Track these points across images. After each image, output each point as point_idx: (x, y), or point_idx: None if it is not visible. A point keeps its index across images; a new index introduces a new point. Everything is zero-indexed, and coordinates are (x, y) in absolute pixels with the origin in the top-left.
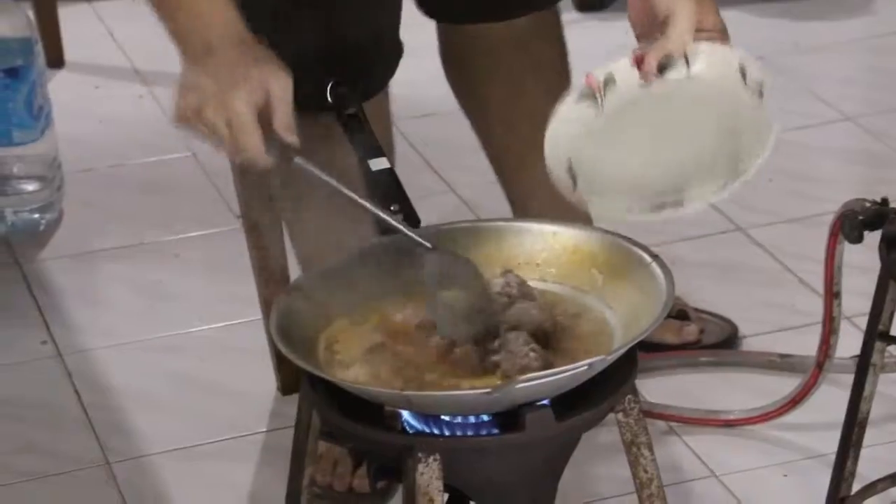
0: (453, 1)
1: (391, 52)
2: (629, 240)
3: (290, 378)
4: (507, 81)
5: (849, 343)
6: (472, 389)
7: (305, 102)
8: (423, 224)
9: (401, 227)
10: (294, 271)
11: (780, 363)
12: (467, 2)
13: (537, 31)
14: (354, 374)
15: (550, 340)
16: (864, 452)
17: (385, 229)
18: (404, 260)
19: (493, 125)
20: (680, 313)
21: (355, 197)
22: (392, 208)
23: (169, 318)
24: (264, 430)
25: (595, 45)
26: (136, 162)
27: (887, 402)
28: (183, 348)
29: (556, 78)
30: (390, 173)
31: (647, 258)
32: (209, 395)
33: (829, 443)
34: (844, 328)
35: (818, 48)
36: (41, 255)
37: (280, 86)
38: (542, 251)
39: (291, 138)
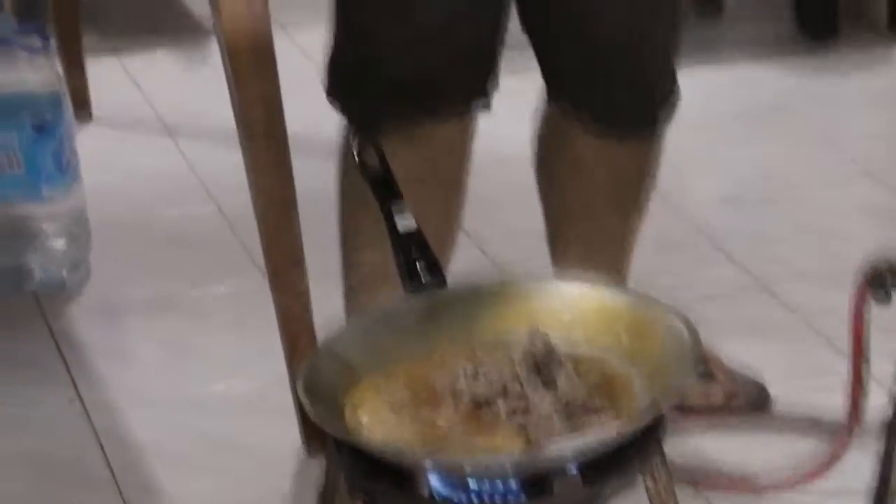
0: (567, 91)
1: (464, 93)
2: (654, 300)
3: (316, 437)
4: (585, 184)
5: (881, 405)
6: (500, 454)
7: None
8: (448, 280)
9: None
10: (320, 328)
11: (810, 426)
12: (606, 103)
13: (633, 148)
14: (381, 435)
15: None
16: None
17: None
18: (432, 319)
19: (558, 216)
20: (706, 374)
21: None
22: (418, 268)
23: (195, 375)
24: (289, 489)
25: None
26: (163, 215)
27: None
28: (209, 405)
29: (634, 196)
30: (416, 232)
31: (673, 318)
32: (235, 454)
33: None
34: (875, 389)
35: (840, 102)
36: (68, 311)
37: None
38: (568, 311)
39: None
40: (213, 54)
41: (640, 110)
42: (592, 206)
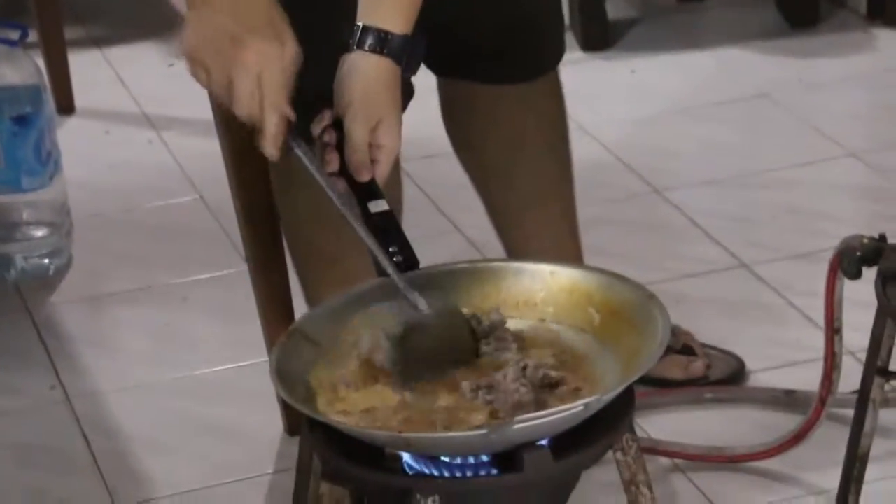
0: (461, 61)
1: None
2: (626, 279)
3: (297, 419)
4: (507, 137)
5: (853, 378)
6: (470, 430)
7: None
8: (424, 264)
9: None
10: (298, 312)
11: (785, 399)
12: (475, 65)
13: (538, 87)
14: (351, 414)
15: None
16: (865, 488)
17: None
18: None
19: (490, 179)
20: (686, 348)
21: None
22: (391, 250)
23: (177, 361)
24: (272, 471)
25: (599, 84)
26: (145, 206)
27: (890, 438)
28: (191, 391)
29: (555, 134)
30: (389, 215)
31: (644, 297)
32: (217, 438)
33: (833, 478)
34: (849, 364)
35: (821, 84)
36: (50, 300)
37: (290, 49)
38: (539, 291)
39: (286, 109)
40: None
41: (524, 55)
42: (513, 152)
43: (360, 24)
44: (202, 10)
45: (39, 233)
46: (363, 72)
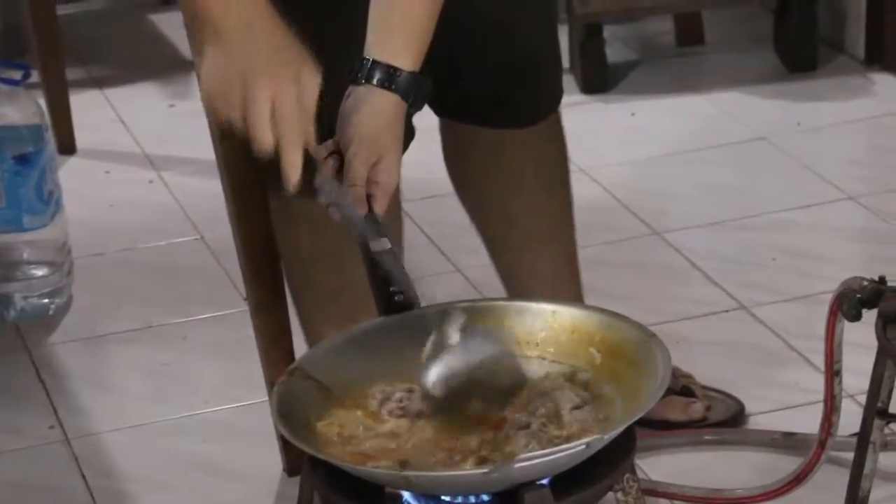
0: (460, 105)
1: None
2: (627, 319)
3: (297, 459)
4: (506, 178)
5: (852, 421)
6: (471, 469)
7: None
8: (424, 304)
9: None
10: (299, 352)
11: (784, 441)
12: (474, 109)
13: (538, 131)
14: (354, 453)
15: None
16: None
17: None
18: (408, 339)
19: (490, 217)
20: (685, 390)
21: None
22: (392, 290)
23: (176, 401)
24: None
25: (598, 127)
26: (146, 246)
27: (890, 481)
28: (190, 431)
29: (554, 177)
30: (391, 254)
31: (645, 337)
32: (216, 478)
33: None
34: (848, 406)
35: (820, 128)
36: (50, 340)
37: (309, 79)
38: (541, 330)
39: (306, 139)
40: (196, 88)
41: (521, 101)
42: (512, 193)
43: (368, 58)
44: (216, 45)
45: (40, 272)
46: (369, 107)
